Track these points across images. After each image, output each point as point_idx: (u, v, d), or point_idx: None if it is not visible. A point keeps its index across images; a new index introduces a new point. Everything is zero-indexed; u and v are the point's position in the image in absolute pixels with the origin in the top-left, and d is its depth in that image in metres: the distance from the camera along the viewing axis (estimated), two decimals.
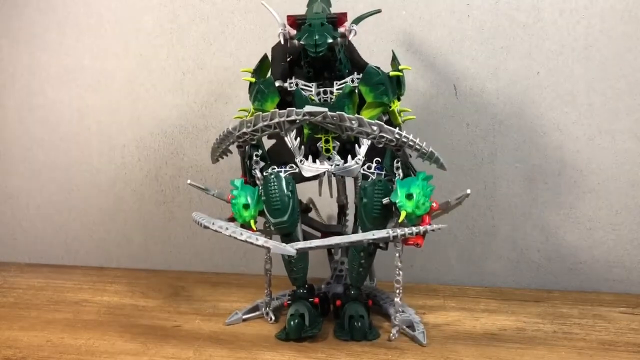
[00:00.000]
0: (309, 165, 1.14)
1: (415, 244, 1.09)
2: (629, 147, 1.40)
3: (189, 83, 1.62)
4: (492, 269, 1.51)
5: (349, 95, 1.14)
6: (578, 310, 1.29)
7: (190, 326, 0.99)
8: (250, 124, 1.10)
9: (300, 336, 1.15)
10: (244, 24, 1.56)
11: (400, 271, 1.12)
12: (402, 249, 1.11)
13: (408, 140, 1.07)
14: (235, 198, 1.17)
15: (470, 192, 1.12)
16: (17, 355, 1.14)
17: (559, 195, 1.45)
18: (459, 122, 1.47)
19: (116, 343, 1.17)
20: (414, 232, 1.07)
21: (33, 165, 1.76)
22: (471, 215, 1.49)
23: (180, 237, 1.68)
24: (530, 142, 1.45)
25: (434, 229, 1.10)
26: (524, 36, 1.42)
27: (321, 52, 1.10)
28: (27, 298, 1.46)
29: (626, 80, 1.38)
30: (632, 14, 1.36)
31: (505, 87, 1.44)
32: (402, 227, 1.08)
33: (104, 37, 1.66)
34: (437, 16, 1.45)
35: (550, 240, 1.47)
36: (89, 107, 1.70)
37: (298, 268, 1.18)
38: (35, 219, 1.79)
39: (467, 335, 1.15)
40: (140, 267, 1.71)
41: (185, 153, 1.65)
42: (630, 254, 1.44)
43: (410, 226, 1.08)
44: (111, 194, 1.72)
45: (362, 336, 1.12)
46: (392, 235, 1.06)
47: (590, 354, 1.07)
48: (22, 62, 1.72)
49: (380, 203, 1.11)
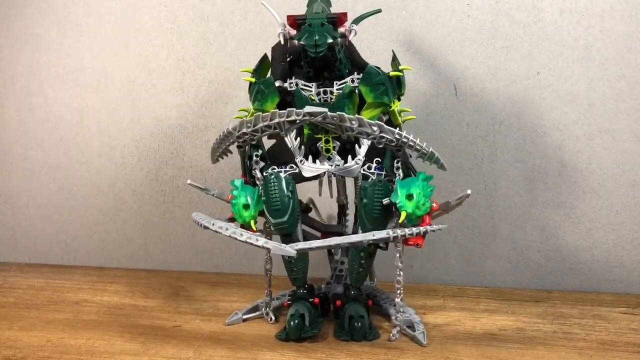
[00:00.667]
0: (309, 166, 1.14)
1: (416, 245, 1.09)
2: (629, 147, 1.40)
3: (189, 83, 1.62)
4: (492, 269, 1.51)
5: (349, 95, 1.13)
6: (578, 311, 1.29)
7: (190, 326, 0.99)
8: (250, 124, 1.10)
9: (300, 336, 1.15)
10: (244, 24, 1.56)
11: (400, 272, 1.11)
12: (402, 250, 1.11)
13: (408, 140, 1.07)
14: (235, 198, 1.17)
15: (470, 192, 1.12)
16: (17, 355, 1.14)
17: (559, 195, 1.45)
18: (459, 122, 1.47)
19: (116, 343, 1.17)
20: (414, 233, 1.07)
21: (33, 165, 1.76)
22: (471, 216, 1.49)
23: (180, 237, 1.68)
24: (530, 142, 1.45)
25: (434, 229, 1.10)
26: (524, 36, 1.42)
27: (321, 52, 1.10)
28: (27, 298, 1.46)
29: (626, 80, 1.38)
30: (632, 14, 1.36)
31: (505, 87, 1.44)
32: (403, 228, 1.08)
33: (104, 37, 1.66)
34: (437, 16, 1.45)
35: (550, 240, 1.47)
36: (89, 107, 1.70)
37: (298, 268, 1.18)
38: (35, 219, 1.79)
39: (467, 335, 1.15)
40: (140, 267, 1.71)
41: (185, 153, 1.65)
42: (630, 254, 1.44)
43: (410, 226, 1.08)
44: (111, 194, 1.72)
45: (362, 336, 1.12)
46: (393, 235, 1.06)
47: (590, 354, 1.07)
48: (22, 62, 1.72)
49: (380, 203, 1.11)
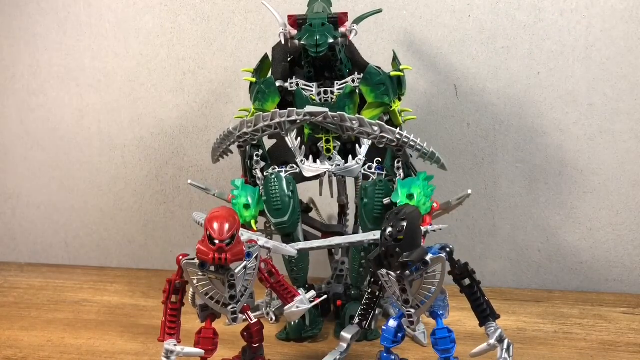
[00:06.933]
0: (309, 166, 1.14)
1: None
2: (630, 147, 1.40)
3: (189, 83, 1.62)
4: (492, 269, 1.51)
5: (349, 95, 1.14)
6: (579, 311, 1.29)
7: (191, 326, 0.99)
8: (250, 124, 1.10)
9: (301, 336, 1.15)
10: (244, 24, 1.56)
11: None
12: None
13: (409, 140, 1.07)
14: (236, 198, 1.17)
15: (471, 192, 1.12)
16: (17, 355, 1.14)
17: (560, 195, 1.45)
18: (460, 122, 1.47)
19: (117, 343, 1.18)
20: None
21: (33, 165, 1.76)
22: (471, 215, 1.49)
23: (181, 237, 1.68)
24: (531, 142, 1.45)
25: (435, 229, 1.10)
26: (525, 36, 1.42)
27: (322, 52, 1.10)
28: (27, 298, 1.46)
29: (627, 80, 1.38)
30: (633, 14, 1.36)
31: (506, 87, 1.44)
32: None
33: (105, 37, 1.65)
34: (437, 16, 1.45)
35: (550, 240, 1.47)
36: (89, 107, 1.70)
37: (299, 268, 1.18)
38: (35, 219, 1.79)
39: (468, 335, 1.15)
40: (140, 267, 1.71)
41: (186, 153, 1.65)
42: (631, 254, 1.43)
43: None
44: (111, 193, 1.72)
45: (362, 336, 1.12)
46: None
47: (591, 354, 1.08)
48: (22, 62, 1.72)
49: (381, 203, 1.11)
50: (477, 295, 0.94)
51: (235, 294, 0.94)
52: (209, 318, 0.99)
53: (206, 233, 0.90)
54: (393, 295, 0.93)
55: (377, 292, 0.99)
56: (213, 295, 0.94)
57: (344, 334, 1.01)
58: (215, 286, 0.94)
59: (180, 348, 0.95)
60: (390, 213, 0.90)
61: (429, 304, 0.91)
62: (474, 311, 0.94)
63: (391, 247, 0.87)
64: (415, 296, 0.91)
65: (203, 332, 0.97)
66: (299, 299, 1.00)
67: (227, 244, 0.89)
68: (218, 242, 0.88)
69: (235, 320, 0.96)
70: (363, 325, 1.01)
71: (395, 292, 0.92)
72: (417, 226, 0.90)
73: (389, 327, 0.96)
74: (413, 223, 0.88)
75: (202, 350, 0.96)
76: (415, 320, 0.92)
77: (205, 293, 0.94)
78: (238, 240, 0.91)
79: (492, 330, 0.92)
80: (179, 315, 0.98)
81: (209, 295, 0.94)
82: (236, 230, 0.91)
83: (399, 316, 0.95)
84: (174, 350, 0.95)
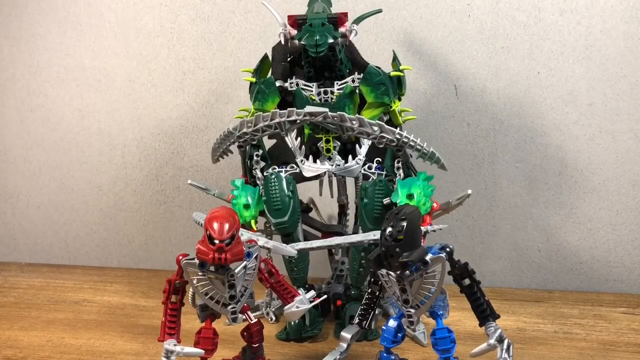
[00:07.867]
0: (309, 166, 1.14)
1: None
2: (630, 147, 1.40)
3: (189, 83, 1.62)
4: (492, 269, 1.51)
5: (349, 95, 1.14)
6: (579, 310, 1.29)
7: (191, 326, 0.99)
8: (250, 124, 1.10)
9: (301, 336, 1.15)
10: (244, 24, 1.56)
11: None
12: None
13: (409, 140, 1.07)
14: (236, 198, 1.17)
15: (471, 192, 1.12)
16: (17, 355, 1.14)
17: (560, 195, 1.45)
18: (460, 122, 1.47)
19: (117, 343, 1.18)
20: None
21: (33, 165, 1.76)
22: (471, 215, 1.49)
23: (181, 237, 1.68)
24: (530, 142, 1.45)
25: (435, 229, 1.10)
26: (525, 36, 1.42)
27: (322, 52, 1.10)
28: (27, 298, 1.46)
29: (627, 80, 1.38)
30: (632, 14, 1.36)
31: (505, 87, 1.44)
32: None
33: (105, 37, 1.65)
34: (437, 16, 1.45)
35: (550, 240, 1.47)
36: (89, 107, 1.70)
37: (299, 268, 1.18)
38: (36, 218, 1.79)
39: (467, 335, 1.15)
40: (140, 266, 1.71)
41: (186, 153, 1.65)
42: (631, 254, 1.44)
43: None
44: (111, 193, 1.72)
45: (362, 336, 1.12)
46: None
47: (591, 355, 1.08)
48: (22, 62, 1.72)
49: (381, 203, 1.11)
50: (477, 295, 0.94)
51: (235, 293, 0.94)
52: (208, 318, 0.99)
53: (206, 233, 0.90)
54: (393, 295, 0.93)
55: (377, 292, 0.99)
56: (213, 295, 0.94)
57: (343, 334, 1.01)
58: (215, 286, 0.94)
59: (180, 348, 0.95)
60: (390, 213, 0.90)
61: (428, 304, 0.91)
62: (473, 311, 0.94)
63: (391, 247, 0.87)
64: (415, 296, 0.91)
65: (203, 332, 0.97)
66: (299, 299, 1.00)
67: (227, 244, 0.89)
68: (218, 242, 0.88)
69: (235, 320, 0.96)
70: (363, 325, 1.01)
71: (395, 292, 0.92)
72: (417, 226, 0.90)
73: (388, 327, 0.96)
74: (413, 223, 0.88)
75: (202, 350, 0.96)
76: (415, 320, 0.92)
77: (205, 293, 0.94)
78: (238, 240, 0.91)
79: (492, 330, 0.92)
80: (179, 315, 0.98)
81: (209, 295, 0.94)
82: (236, 230, 0.91)
83: (398, 316, 0.95)
84: (174, 350, 0.95)
